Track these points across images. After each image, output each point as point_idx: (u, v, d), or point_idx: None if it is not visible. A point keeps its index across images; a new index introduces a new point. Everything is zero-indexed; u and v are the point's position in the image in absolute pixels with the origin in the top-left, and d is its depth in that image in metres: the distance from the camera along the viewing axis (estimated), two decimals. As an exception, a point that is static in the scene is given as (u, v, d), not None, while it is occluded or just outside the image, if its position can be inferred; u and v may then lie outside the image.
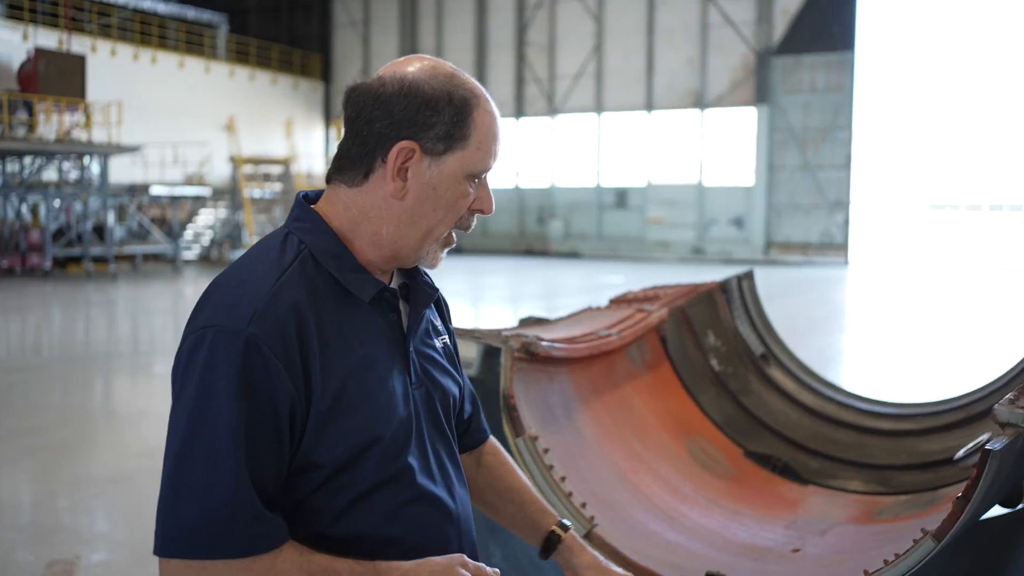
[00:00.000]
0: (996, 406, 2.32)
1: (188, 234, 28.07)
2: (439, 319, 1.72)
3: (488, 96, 1.51)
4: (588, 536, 2.68)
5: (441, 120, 1.45)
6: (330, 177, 1.54)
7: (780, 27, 28.67)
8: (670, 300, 4.20)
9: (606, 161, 31.51)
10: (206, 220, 29.02)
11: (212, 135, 29.46)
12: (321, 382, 1.40)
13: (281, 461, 1.39)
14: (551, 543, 1.78)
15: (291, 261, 1.45)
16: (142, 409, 8.45)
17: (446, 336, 1.70)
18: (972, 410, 3.96)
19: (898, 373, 10.14)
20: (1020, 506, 3.92)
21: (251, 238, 24.58)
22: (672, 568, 2.62)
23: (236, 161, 27.51)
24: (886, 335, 13.26)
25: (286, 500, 1.43)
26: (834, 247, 28.48)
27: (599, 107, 31.45)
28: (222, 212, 28.67)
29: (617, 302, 4.38)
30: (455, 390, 1.68)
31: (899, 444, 3.99)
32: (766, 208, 29.09)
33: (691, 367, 4.19)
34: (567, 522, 1.80)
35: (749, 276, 4.77)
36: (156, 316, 15.51)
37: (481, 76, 33.13)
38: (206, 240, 28.41)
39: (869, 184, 30.61)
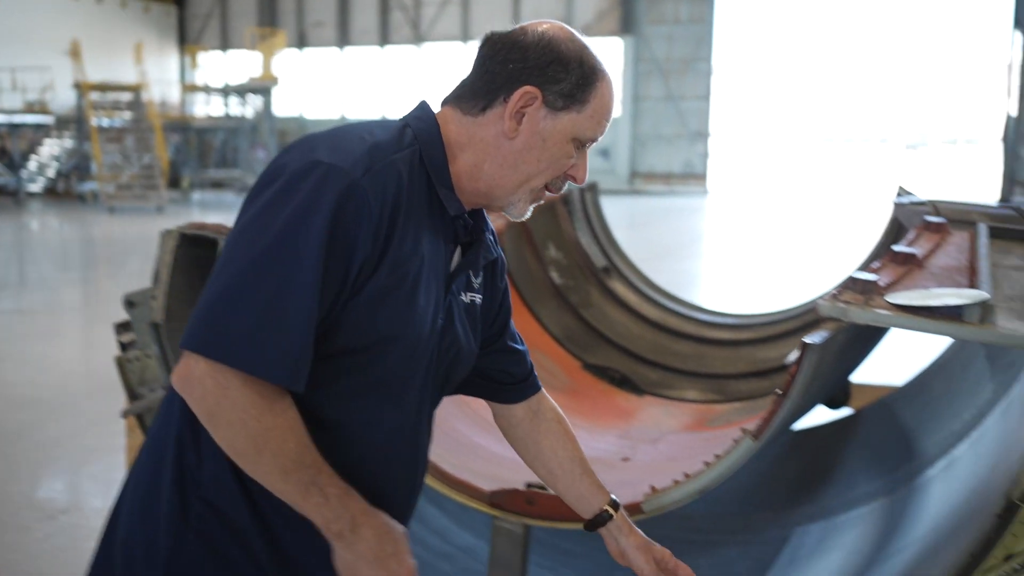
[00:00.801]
0: (819, 301, 2.24)
1: (32, 166, 26.45)
2: (488, 278, 1.74)
3: (612, 78, 1.59)
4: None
5: (568, 78, 1.53)
6: (446, 100, 1.60)
7: (644, -43, 28.66)
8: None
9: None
10: (51, 151, 27.36)
11: (55, 61, 27.66)
12: (390, 260, 1.45)
13: (325, 312, 1.42)
14: (601, 520, 1.86)
15: (407, 146, 1.52)
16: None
17: (480, 296, 1.71)
18: (808, 318, 3.96)
19: (747, 292, 10.34)
20: (848, 411, 3.98)
21: (100, 170, 23.33)
22: (492, 480, 2.49)
23: (81, 87, 25.94)
24: (739, 259, 13.55)
25: None
26: (695, 177, 29.00)
27: (465, 36, 30.93)
28: (68, 142, 27.09)
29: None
30: (467, 346, 1.68)
31: (737, 353, 3.98)
32: (631, 139, 29.34)
33: (530, 280, 4.06)
34: (617, 499, 1.88)
35: (592, 188, 4.66)
36: (-6, 251, 14.56)
37: (344, 1, 32.10)
38: (52, 172, 26.83)
39: (729, 116, 31.24)
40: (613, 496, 1.89)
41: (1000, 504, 1.99)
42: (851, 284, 2.34)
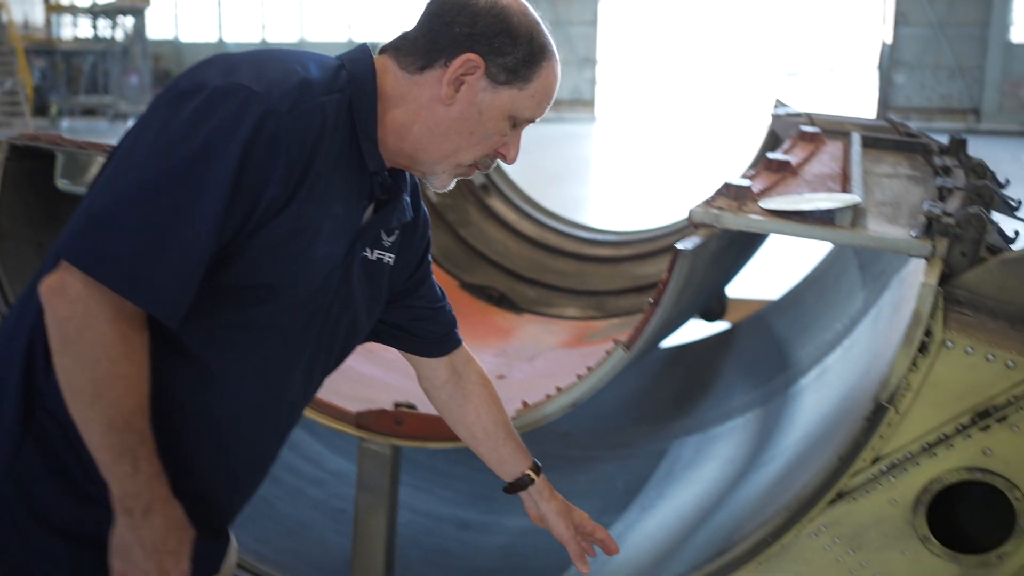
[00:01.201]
0: (692, 208, 2.17)
1: None
2: (405, 237, 1.66)
3: (558, 61, 1.54)
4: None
5: (515, 53, 1.48)
6: (385, 49, 1.53)
7: None
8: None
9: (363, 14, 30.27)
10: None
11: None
12: (297, 206, 1.38)
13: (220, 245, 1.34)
14: (522, 484, 1.87)
15: (338, 89, 1.44)
16: None
17: (392, 256, 1.63)
18: (687, 232, 3.93)
19: (634, 215, 10.39)
20: (725, 325, 4.00)
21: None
22: (361, 401, 2.39)
23: (-68, 7, 24.21)
24: (626, 183, 13.62)
25: None
26: (583, 103, 28.97)
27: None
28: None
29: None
30: (366, 307, 1.61)
31: (617, 270, 3.95)
32: (518, 65, 29.04)
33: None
34: (539, 463, 1.88)
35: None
36: None
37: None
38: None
39: (617, 42, 31.25)
40: (535, 460, 1.89)
41: (869, 407, 1.98)
42: (725, 191, 2.29)
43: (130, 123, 1.50)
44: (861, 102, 28.06)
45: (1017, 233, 2.10)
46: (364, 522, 2.31)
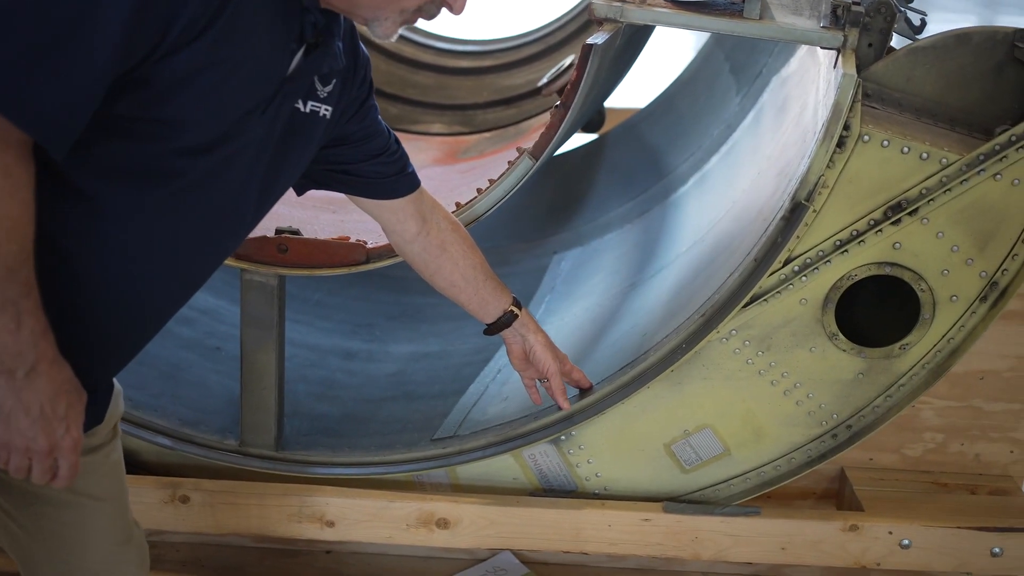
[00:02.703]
0: (594, 2, 2.01)
1: None
2: (342, 87, 1.55)
3: None
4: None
5: None
6: None
7: None
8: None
9: None
10: None
11: None
12: (215, 35, 1.22)
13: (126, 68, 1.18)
14: (507, 320, 1.88)
15: None
16: None
17: (328, 108, 1.52)
18: (550, 40, 3.81)
19: (491, 16, 10.03)
20: (592, 136, 3.91)
21: None
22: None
23: None
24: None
25: None
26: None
27: None
28: None
29: None
30: (292, 160, 1.51)
31: (480, 82, 3.79)
32: None
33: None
34: (518, 298, 1.89)
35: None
36: None
37: None
38: None
39: None
40: (514, 295, 1.88)
41: (787, 207, 1.93)
42: (625, -18, 2.13)
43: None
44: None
45: (923, 21, 2.05)
46: (252, 358, 2.14)
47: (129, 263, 1.34)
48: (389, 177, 1.78)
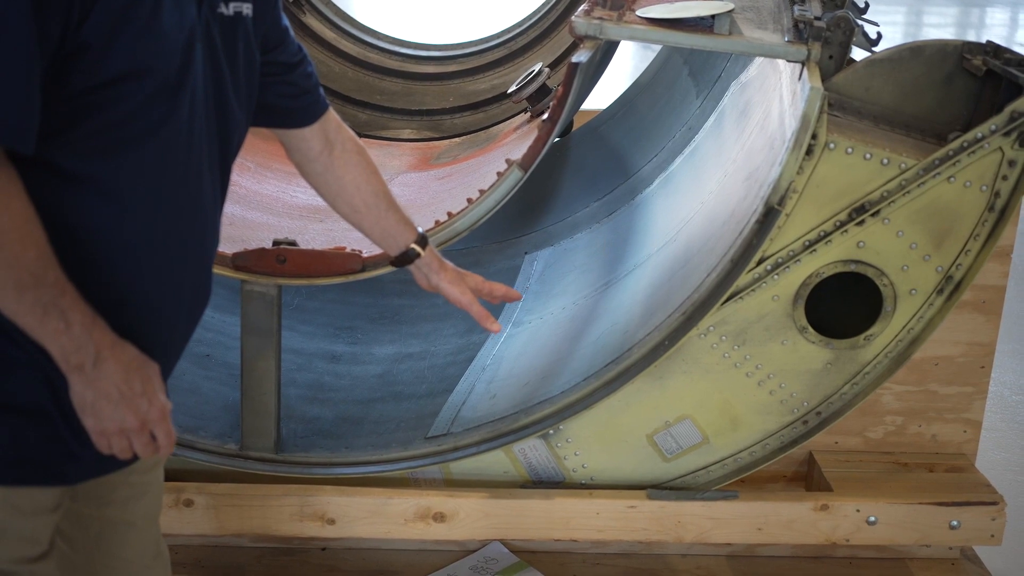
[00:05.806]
0: (573, 18, 2.12)
1: None
2: None
3: None
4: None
5: None
6: None
7: None
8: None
9: None
10: None
11: None
12: None
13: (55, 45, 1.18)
14: (408, 257, 1.84)
15: None
16: None
17: (250, 5, 1.45)
18: (514, 45, 3.89)
19: (453, 21, 10.04)
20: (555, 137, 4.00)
21: None
22: (233, 242, 2.25)
23: None
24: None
25: None
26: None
27: None
28: None
29: None
30: (244, 81, 1.46)
31: (446, 87, 3.86)
32: None
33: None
34: (425, 233, 1.84)
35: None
36: None
37: None
38: None
39: None
40: (420, 230, 1.84)
41: (761, 211, 2.07)
42: (600, 0, 2.25)
43: None
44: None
45: (879, 35, 2.20)
46: (253, 366, 2.22)
47: (141, 231, 1.34)
48: (302, 94, 1.69)
